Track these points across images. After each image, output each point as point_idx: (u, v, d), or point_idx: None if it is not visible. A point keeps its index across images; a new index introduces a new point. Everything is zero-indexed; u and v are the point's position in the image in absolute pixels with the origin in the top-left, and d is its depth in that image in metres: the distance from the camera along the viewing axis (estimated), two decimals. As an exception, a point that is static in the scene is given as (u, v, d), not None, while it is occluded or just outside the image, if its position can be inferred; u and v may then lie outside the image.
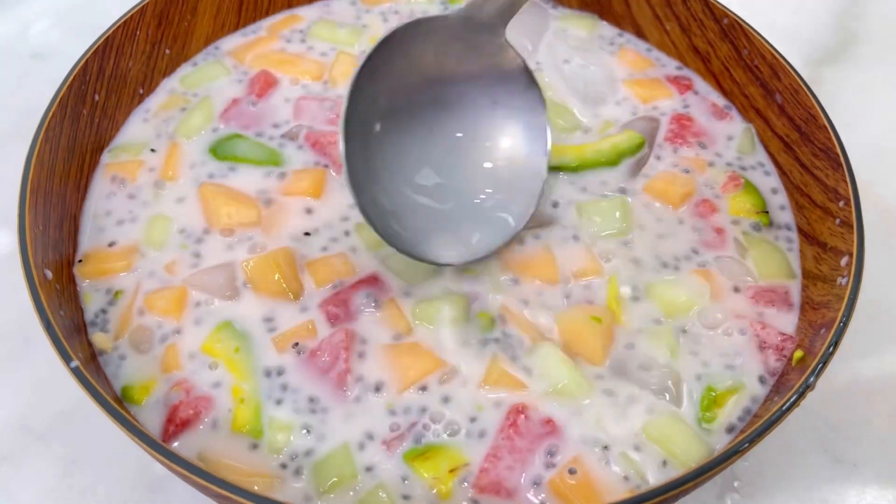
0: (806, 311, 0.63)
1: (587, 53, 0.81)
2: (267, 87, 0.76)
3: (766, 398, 0.59)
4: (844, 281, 0.58)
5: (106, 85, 0.71)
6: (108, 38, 0.71)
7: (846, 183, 0.63)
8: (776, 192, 0.71)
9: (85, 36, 0.71)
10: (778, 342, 0.61)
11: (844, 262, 0.60)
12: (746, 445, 0.50)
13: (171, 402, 0.57)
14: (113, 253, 0.65)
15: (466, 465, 0.55)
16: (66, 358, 0.52)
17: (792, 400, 0.52)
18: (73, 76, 0.67)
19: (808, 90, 0.69)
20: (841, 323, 0.56)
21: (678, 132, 0.75)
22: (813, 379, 0.53)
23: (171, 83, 0.78)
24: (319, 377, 0.59)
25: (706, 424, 0.58)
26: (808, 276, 0.65)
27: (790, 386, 0.54)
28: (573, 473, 0.55)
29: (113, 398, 0.51)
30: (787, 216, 0.70)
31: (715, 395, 0.59)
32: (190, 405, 0.57)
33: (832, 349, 0.54)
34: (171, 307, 0.62)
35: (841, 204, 0.63)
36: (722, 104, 0.78)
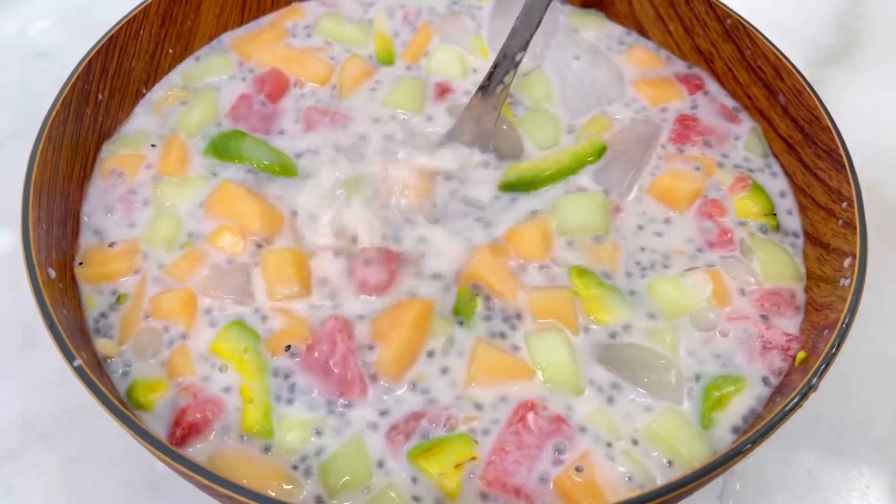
0: (809, 312, 0.63)
1: (596, 53, 0.81)
2: (279, 88, 0.76)
3: (769, 399, 0.59)
4: (847, 282, 0.58)
5: (109, 84, 0.71)
6: (111, 37, 0.71)
7: (849, 184, 0.63)
8: (783, 193, 0.71)
9: (88, 35, 0.71)
10: (783, 343, 0.61)
11: (847, 263, 0.60)
12: (749, 446, 0.50)
13: (178, 406, 0.57)
14: (113, 254, 0.64)
15: (473, 458, 0.55)
16: (68, 357, 0.52)
17: (795, 401, 0.52)
18: (76, 75, 0.67)
19: (811, 91, 0.69)
20: (844, 324, 0.56)
21: (682, 132, 0.74)
22: (816, 380, 0.53)
23: (172, 77, 0.78)
24: (324, 370, 0.59)
25: (710, 424, 0.58)
26: (811, 277, 0.65)
27: (793, 387, 0.54)
28: (580, 471, 0.55)
29: (115, 397, 0.51)
30: (794, 219, 0.69)
31: (719, 395, 0.59)
32: (197, 409, 0.57)
33: (835, 350, 0.54)
34: (178, 310, 0.61)
35: (844, 205, 0.63)
36: (731, 106, 0.77)
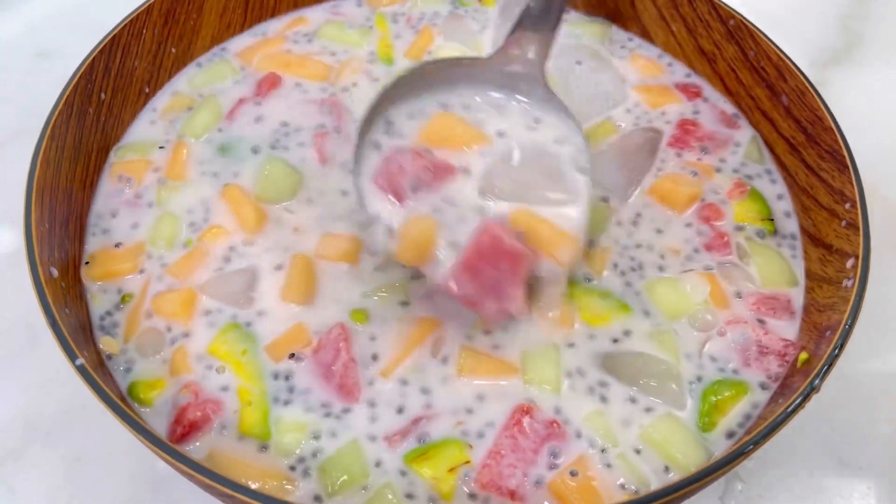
0: (811, 313, 0.63)
1: (599, 58, 0.81)
2: (271, 87, 0.76)
3: (770, 400, 0.59)
4: (850, 283, 0.58)
5: (112, 84, 0.71)
6: (114, 36, 0.71)
7: (852, 185, 0.63)
8: (781, 197, 0.71)
9: (90, 35, 0.71)
10: (780, 348, 0.61)
11: (850, 264, 0.60)
12: (751, 447, 0.50)
13: (179, 403, 0.57)
14: (119, 254, 0.65)
15: (467, 462, 0.55)
16: (71, 356, 0.52)
17: (797, 402, 0.52)
18: (79, 75, 0.67)
19: (814, 92, 0.68)
20: (846, 325, 0.55)
21: (680, 137, 0.75)
22: (818, 381, 0.53)
23: (178, 84, 0.78)
24: (325, 375, 0.59)
25: (706, 429, 0.58)
26: (813, 278, 0.65)
27: (795, 388, 0.54)
28: (574, 476, 0.55)
29: (118, 396, 0.51)
30: (792, 224, 0.69)
31: (716, 400, 0.59)
32: (198, 407, 0.57)
33: (837, 352, 0.54)
34: (179, 310, 0.61)
35: (847, 206, 0.63)
36: (731, 112, 0.77)
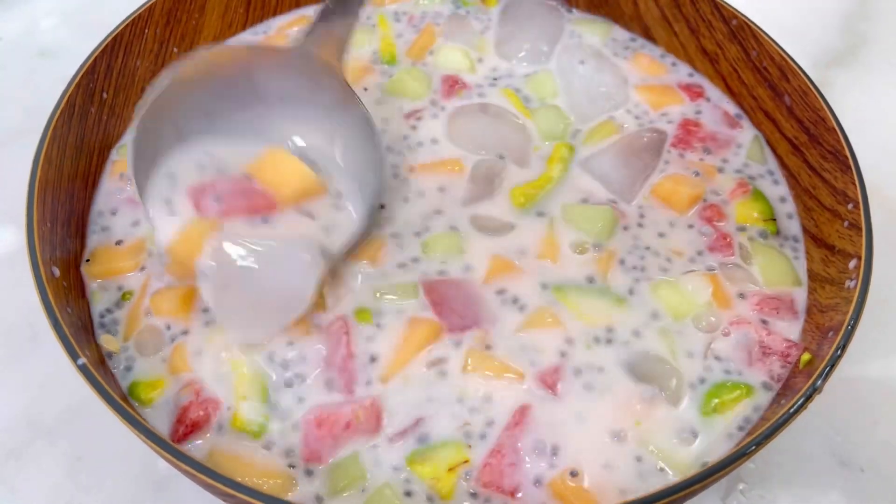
0: (813, 314, 0.63)
1: (601, 58, 0.81)
2: None
3: (772, 401, 0.59)
4: (853, 284, 0.58)
5: (114, 83, 0.71)
6: (116, 35, 0.71)
7: (855, 185, 0.63)
8: (784, 200, 0.71)
9: (92, 34, 0.71)
10: (783, 349, 0.61)
11: (853, 264, 0.60)
12: (753, 448, 0.50)
13: (180, 403, 0.57)
14: (120, 252, 0.65)
15: (466, 462, 0.55)
16: (73, 355, 0.52)
17: (799, 403, 0.52)
18: (81, 74, 0.67)
19: (816, 92, 0.68)
20: (849, 326, 0.55)
21: (683, 137, 0.74)
22: (820, 382, 0.53)
23: None
24: (324, 368, 0.59)
25: (708, 430, 0.58)
26: (815, 278, 0.65)
27: (797, 389, 0.54)
28: (575, 476, 0.55)
29: (119, 396, 0.51)
30: (794, 225, 0.69)
31: (717, 402, 0.58)
32: (200, 406, 0.57)
33: (840, 352, 0.54)
34: (178, 307, 0.61)
35: (849, 206, 0.63)
36: (734, 112, 0.77)
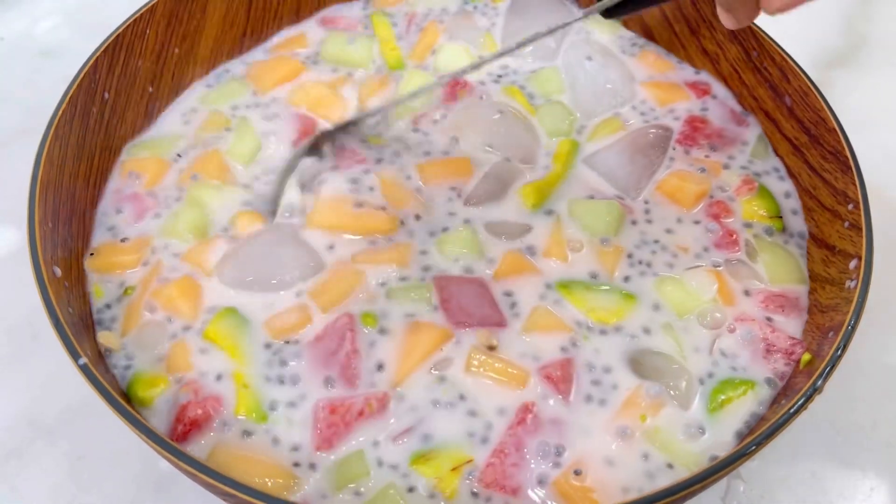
0: (814, 314, 0.63)
1: (608, 54, 0.81)
2: (307, 133, 0.74)
3: (773, 401, 0.59)
4: (853, 284, 0.58)
5: (115, 83, 0.71)
6: (117, 36, 0.71)
7: (855, 186, 0.63)
8: (788, 195, 0.71)
9: (94, 34, 0.71)
10: (787, 346, 0.61)
11: (853, 265, 0.60)
12: (753, 448, 0.50)
13: (179, 402, 0.57)
14: (124, 247, 0.66)
15: (469, 461, 0.55)
16: (74, 355, 0.52)
17: (799, 403, 0.52)
18: (82, 74, 0.67)
19: (817, 92, 0.68)
20: (849, 326, 0.55)
21: (689, 134, 0.75)
22: (821, 382, 0.53)
23: (189, 100, 0.78)
24: (325, 363, 0.59)
25: (714, 427, 0.58)
26: (816, 279, 0.65)
27: (797, 389, 0.54)
28: (578, 475, 0.55)
29: (120, 395, 0.51)
30: (799, 222, 0.69)
31: (723, 398, 0.59)
32: (199, 405, 0.57)
33: (840, 353, 0.54)
34: (179, 301, 0.62)
35: (850, 207, 0.63)
36: (740, 110, 0.77)
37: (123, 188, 0.70)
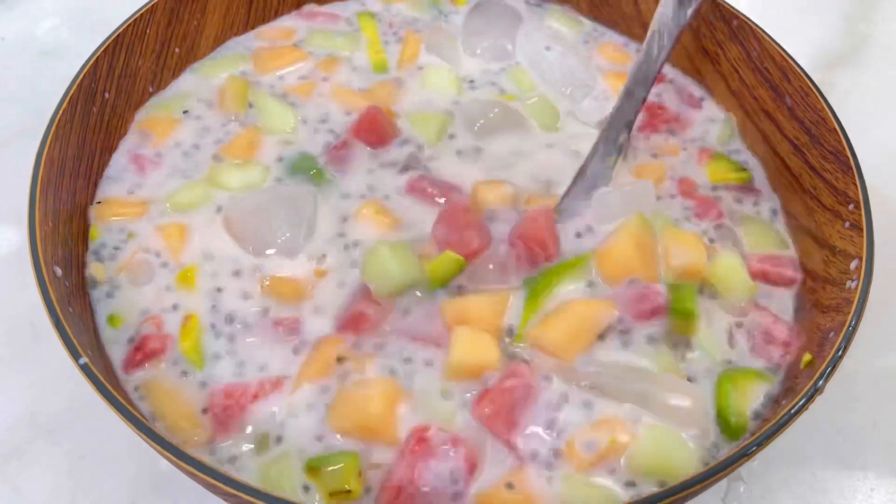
0: (814, 314, 0.63)
1: (566, 45, 0.82)
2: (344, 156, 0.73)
3: (774, 402, 0.59)
4: (854, 284, 0.58)
5: (116, 83, 0.71)
6: (118, 35, 0.71)
7: (856, 186, 0.63)
8: (747, 164, 0.74)
9: (95, 34, 0.71)
10: (784, 338, 0.62)
11: (854, 265, 0.60)
12: (754, 448, 0.50)
13: (142, 333, 0.61)
14: (130, 201, 0.68)
15: (350, 491, 0.54)
16: (74, 355, 0.52)
17: (800, 403, 0.52)
18: (83, 74, 0.67)
19: (818, 93, 0.68)
20: (850, 327, 0.55)
21: (648, 121, 0.76)
22: (822, 383, 0.53)
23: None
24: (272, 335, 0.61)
25: (736, 419, 0.58)
26: (816, 279, 0.65)
27: (798, 390, 0.54)
28: (511, 488, 0.54)
29: (122, 396, 0.51)
30: (769, 192, 0.72)
31: (732, 382, 0.59)
32: (158, 339, 0.60)
33: (841, 353, 0.54)
34: (173, 241, 0.65)
35: (850, 207, 0.63)
36: (697, 95, 0.80)
37: (135, 147, 0.72)
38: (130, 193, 0.69)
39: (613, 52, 0.83)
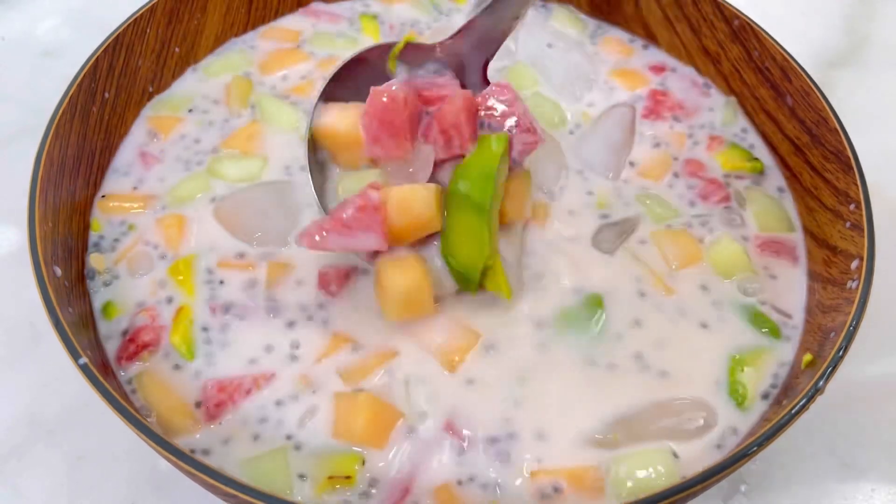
0: (815, 314, 0.63)
1: (569, 40, 0.83)
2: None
3: (774, 402, 0.59)
4: (854, 284, 0.58)
5: (116, 83, 0.71)
6: (118, 35, 0.71)
7: (857, 186, 0.63)
8: (754, 147, 0.75)
9: (95, 33, 0.71)
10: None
11: (854, 265, 0.60)
12: (755, 449, 0.50)
13: (136, 324, 0.61)
14: (133, 195, 0.69)
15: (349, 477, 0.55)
16: (74, 355, 0.52)
17: (801, 404, 0.52)
18: (83, 74, 0.67)
19: (819, 93, 0.68)
20: (851, 327, 0.55)
21: (653, 108, 0.77)
22: (823, 383, 0.53)
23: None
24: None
25: (747, 403, 0.59)
26: (817, 279, 0.65)
27: (799, 390, 0.54)
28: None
29: (122, 396, 0.51)
30: (777, 176, 0.73)
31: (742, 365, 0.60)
32: (152, 330, 0.61)
33: (842, 353, 0.54)
34: (171, 234, 0.66)
35: (851, 207, 0.63)
36: (701, 81, 0.80)
37: (142, 143, 0.73)
38: (135, 189, 0.70)
39: (617, 46, 0.84)
